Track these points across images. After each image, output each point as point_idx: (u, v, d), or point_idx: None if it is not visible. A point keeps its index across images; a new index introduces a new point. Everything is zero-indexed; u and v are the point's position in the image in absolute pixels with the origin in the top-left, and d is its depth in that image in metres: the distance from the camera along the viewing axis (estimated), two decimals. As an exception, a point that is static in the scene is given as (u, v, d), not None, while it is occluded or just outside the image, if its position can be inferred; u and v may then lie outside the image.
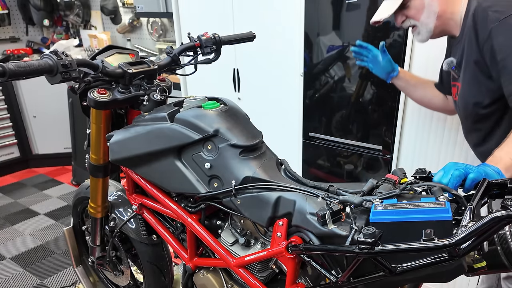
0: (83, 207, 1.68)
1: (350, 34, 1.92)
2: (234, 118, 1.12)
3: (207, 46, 1.41)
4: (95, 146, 1.32)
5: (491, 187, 0.78)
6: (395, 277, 0.79)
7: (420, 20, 1.25)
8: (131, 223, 1.45)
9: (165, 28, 3.63)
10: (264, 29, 2.23)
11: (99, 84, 1.22)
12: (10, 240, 2.88)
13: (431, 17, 1.22)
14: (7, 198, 3.52)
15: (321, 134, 2.21)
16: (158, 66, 1.26)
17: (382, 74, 1.62)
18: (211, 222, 1.21)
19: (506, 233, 0.76)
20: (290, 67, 2.21)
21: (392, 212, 0.75)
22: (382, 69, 1.60)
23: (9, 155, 3.98)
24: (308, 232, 0.92)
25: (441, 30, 1.26)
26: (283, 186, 0.99)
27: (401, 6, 1.25)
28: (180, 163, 1.11)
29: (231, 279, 1.22)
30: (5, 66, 0.91)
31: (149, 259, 1.50)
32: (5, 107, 3.85)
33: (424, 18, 1.23)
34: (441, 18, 1.22)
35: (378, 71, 1.63)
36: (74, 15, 4.19)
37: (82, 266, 1.83)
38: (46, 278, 2.46)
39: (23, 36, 4.43)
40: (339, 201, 0.88)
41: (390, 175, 0.92)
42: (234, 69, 2.50)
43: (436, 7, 1.21)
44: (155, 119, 1.14)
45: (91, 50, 3.99)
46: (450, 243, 0.65)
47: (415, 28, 1.30)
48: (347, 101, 2.04)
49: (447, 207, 0.71)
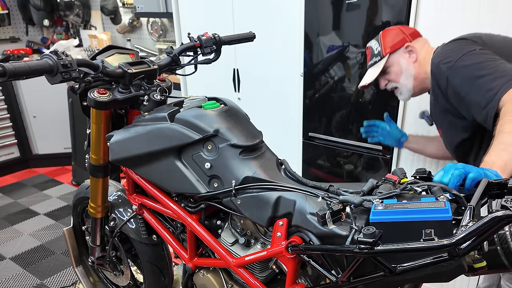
0: (83, 207, 1.68)
1: (350, 34, 1.93)
2: (234, 118, 1.12)
3: (207, 46, 1.41)
4: (95, 146, 1.32)
5: (491, 187, 0.78)
6: (395, 277, 0.79)
7: (400, 82, 1.42)
8: (131, 223, 1.45)
9: (165, 28, 3.63)
10: (264, 29, 2.23)
11: (99, 84, 1.22)
12: (10, 240, 2.89)
13: (409, 79, 1.39)
14: (7, 198, 3.52)
15: (321, 134, 2.21)
16: (158, 66, 1.26)
17: (393, 143, 1.73)
18: (211, 222, 1.21)
19: (506, 233, 0.76)
20: (290, 67, 2.21)
21: (392, 212, 0.75)
22: (392, 137, 1.73)
23: (9, 155, 3.99)
24: (308, 232, 0.92)
25: (420, 88, 1.41)
26: (283, 186, 0.99)
27: (383, 72, 1.44)
28: (180, 163, 1.11)
29: (231, 279, 1.22)
30: (5, 66, 0.91)
31: (149, 259, 1.50)
32: (5, 107, 3.86)
33: (403, 81, 1.41)
34: (417, 78, 1.38)
35: (389, 141, 1.74)
36: (74, 15, 4.19)
37: (82, 266, 1.83)
38: (46, 278, 2.46)
39: (23, 36, 4.44)
40: (339, 201, 0.88)
41: (390, 175, 0.91)
42: (234, 69, 2.50)
43: (412, 70, 1.38)
44: (155, 119, 1.14)
45: (91, 50, 3.99)
46: (450, 243, 0.65)
47: (397, 90, 1.46)
48: (347, 101, 2.04)
49: (447, 207, 0.71)
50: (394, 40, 1.40)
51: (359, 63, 1.93)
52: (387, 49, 1.40)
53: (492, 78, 1.07)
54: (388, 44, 1.41)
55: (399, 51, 1.40)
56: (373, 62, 1.45)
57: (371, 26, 1.84)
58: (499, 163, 0.91)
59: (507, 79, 1.04)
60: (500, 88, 1.04)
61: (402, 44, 1.39)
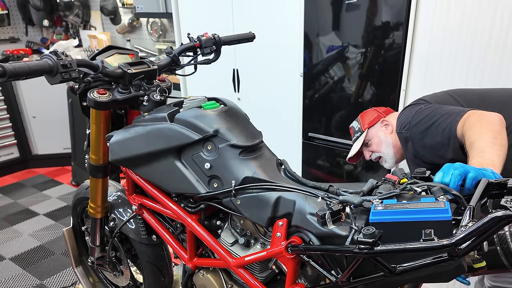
0: (83, 207, 1.68)
1: (349, 35, 1.93)
2: (234, 119, 1.12)
3: (207, 47, 1.41)
4: (95, 147, 1.32)
5: (491, 187, 0.78)
6: (395, 277, 0.79)
7: (381, 151, 1.59)
8: (131, 223, 1.45)
9: (164, 29, 3.63)
10: (264, 29, 2.23)
11: (99, 84, 1.22)
12: (9, 241, 2.88)
13: (389, 147, 1.56)
14: (6, 199, 3.52)
15: (320, 134, 2.21)
16: (158, 66, 1.26)
17: None
18: (211, 222, 1.21)
19: (505, 233, 0.76)
20: (290, 68, 2.21)
21: (392, 212, 0.75)
22: None
23: (8, 156, 3.98)
24: (308, 232, 0.92)
25: (401, 154, 1.54)
26: (283, 186, 0.99)
27: (365, 144, 1.64)
28: (180, 163, 1.11)
29: (231, 280, 1.22)
30: (5, 66, 0.91)
31: (148, 260, 1.50)
32: (5, 108, 3.86)
33: (384, 149, 1.58)
34: (395, 146, 1.53)
35: None
36: (73, 15, 4.19)
37: (81, 266, 1.83)
38: (46, 279, 2.46)
39: (23, 36, 4.43)
40: (339, 201, 0.88)
41: (390, 175, 0.92)
42: (234, 69, 2.50)
43: (390, 139, 1.55)
44: (155, 119, 1.13)
45: (91, 50, 3.99)
46: (450, 243, 0.65)
47: (381, 159, 1.61)
48: (347, 101, 2.04)
49: (446, 207, 0.71)
50: (370, 118, 1.63)
51: (359, 63, 1.94)
52: (365, 125, 1.63)
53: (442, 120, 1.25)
54: (365, 121, 1.64)
55: (376, 125, 1.61)
56: (356, 138, 1.67)
57: (371, 27, 1.84)
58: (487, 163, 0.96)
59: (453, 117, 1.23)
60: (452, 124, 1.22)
61: (377, 120, 1.61)
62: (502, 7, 1.52)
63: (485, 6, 1.55)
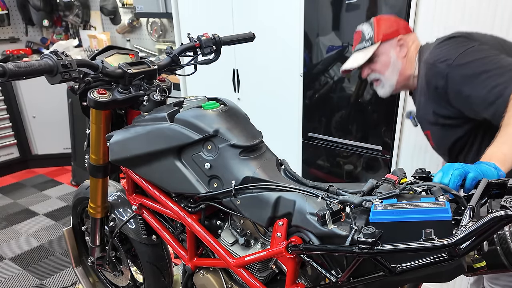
0: (83, 207, 1.68)
1: (349, 35, 1.93)
2: (234, 119, 1.12)
3: (207, 47, 1.41)
4: (95, 147, 1.32)
5: (491, 187, 0.78)
6: (395, 277, 0.79)
7: (384, 75, 1.35)
8: (131, 223, 1.45)
9: (164, 29, 3.63)
10: (264, 29, 2.23)
11: (99, 84, 1.22)
12: (9, 241, 2.88)
13: (395, 73, 1.33)
14: (6, 199, 3.51)
15: (320, 134, 2.21)
16: (158, 66, 1.26)
17: None
18: (211, 222, 1.21)
19: (505, 233, 0.76)
20: (290, 68, 2.21)
21: (392, 212, 0.75)
22: None
23: (8, 156, 3.98)
24: (308, 232, 0.92)
25: (402, 85, 1.36)
26: (283, 186, 0.99)
27: (369, 60, 1.35)
28: (180, 163, 1.11)
29: (231, 279, 1.22)
30: (5, 66, 0.91)
31: (148, 260, 1.50)
32: (5, 108, 3.85)
33: (388, 74, 1.34)
34: (402, 75, 1.32)
35: None
36: (73, 15, 4.19)
37: (81, 266, 1.83)
38: (46, 279, 2.46)
39: (23, 36, 4.43)
40: (339, 201, 0.88)
41: (390, 175, 0.92)
42: (234, 69, 2.50)
43: (400, 65, 1.32)
44: (155, 119, 1.14)
45: (91, 50, 3.99)
46: (450, 243, 0.65)
47: (379, 82, 1.39)
48: (347, 101, 2.04)
49: (446, 207, 0.71)
50: (389, 29, 1.33)
51: (359, 63, 1.93)
52: (380, 36, 1.32)
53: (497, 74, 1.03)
54: (382, 31, 1.33)
55: (391, 41, 1.32)
56: (362, 47, 1.37)
57: (371, 26, 1.84)
58: (498, 155, 0.91)
59: None
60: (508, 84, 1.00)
61: (395, 35, 1.32)
62: (502, 7, 1.52)
63: (485, 6, 1.55)
